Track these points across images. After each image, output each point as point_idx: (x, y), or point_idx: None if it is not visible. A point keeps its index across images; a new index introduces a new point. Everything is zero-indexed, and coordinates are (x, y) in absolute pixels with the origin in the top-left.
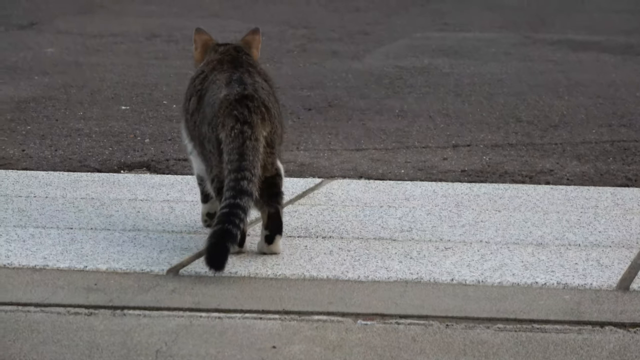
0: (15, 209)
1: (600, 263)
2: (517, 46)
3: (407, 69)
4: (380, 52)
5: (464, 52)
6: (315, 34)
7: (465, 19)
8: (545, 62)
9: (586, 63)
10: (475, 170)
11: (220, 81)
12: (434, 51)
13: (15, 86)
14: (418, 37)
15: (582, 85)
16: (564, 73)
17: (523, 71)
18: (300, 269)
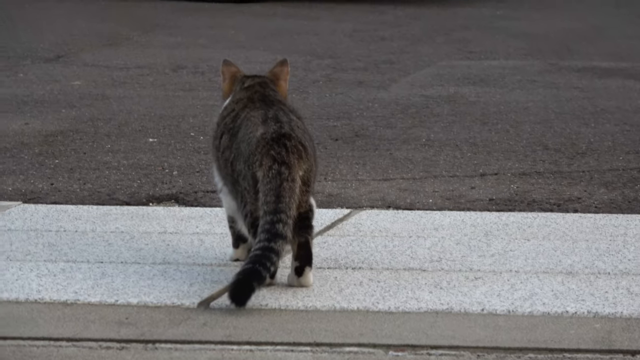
0: (45, 244)
1: (631, 291)
2: (543, 73)
3: (433, 97)
4: (406, 81)
5: (489, 80)
6: (340, 63)
7: (490, 47)
8: (571, 89)
9: (612, 90)
10: (503, 199)
11: (255, 118)
12: (460, 79)
13: (42, 120)
14: (443, 66)
15: (608, 112)
16: (589, 100)
17: (549, 98)
18: (331, 300)
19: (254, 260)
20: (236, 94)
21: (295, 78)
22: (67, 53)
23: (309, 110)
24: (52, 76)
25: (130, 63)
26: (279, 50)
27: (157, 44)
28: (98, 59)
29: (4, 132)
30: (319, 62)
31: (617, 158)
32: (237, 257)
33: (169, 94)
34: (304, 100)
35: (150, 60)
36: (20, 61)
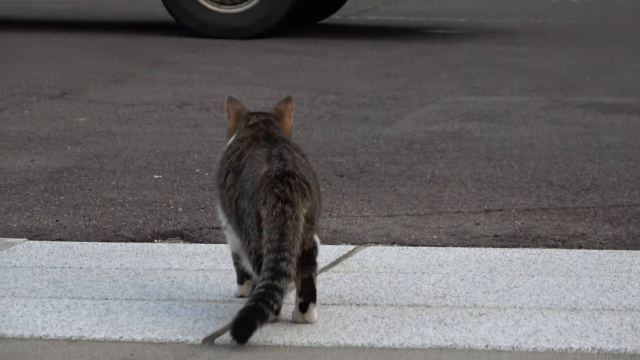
0: (50, 280)
1: (635, 327)
2: (547, 109)
3: (438, 133)
4: (411, 118)
5: (494, 116)
6: (345, 99)
7: (495, 83)
8: (576, 125)
9: (617, 126)
10: (507, 235)
11: (259, 156)
12: (465, 115)
13: (48, 156)
14: (448, 102)
15: (613, 148)
16: (594, 136)
17: (553, 134)
18: (335, 337)
19: (258, 298)
20: (240, 132)
21: (300, 114)
22: (73, 90)
23: (314, 147)
24: (57, 113)
25: (136, 100)
26: (284, 86)
27: (162, 80)
28: (103, 96)
29: (10, 169)
30: (324, 98)
31: (621, 194)
32: (242, 293)
33: (174, 131)
34: (309, 136)
35: (156, 97)
36: (26, 98)
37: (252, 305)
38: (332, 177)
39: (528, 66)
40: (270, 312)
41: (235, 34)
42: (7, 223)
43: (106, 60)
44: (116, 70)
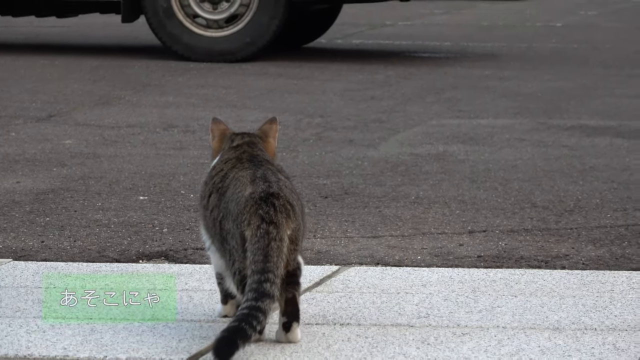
0: (35, 300)
1: (617, 347)
2: (531, 132)
3: (423, 156)
4: (396, 140)
5: (478, 139)
6: (330, 122)
7: (479, 106)
8: (559, 147)
9: (600, 148)
10: (491, 256)
11: (244, 178)
12: (449, 138)
13: (34, 178)
14: (433, 125)
15: (596, 170)
16: (578, 158)
17: (537, 157)
18: (319, 356)
19: (241, 318)
20: (225, 153)
21: (285, 137)
22: (59, 112)
23: (299, 169)
24: (43, 135)
25: (122, 122)
26: (270, 109)
27: (148, 103)
28: (89, 118)
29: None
30: (309, 121)
31: (604, 215)
32: (226, 313)
33: (159, 153)
34: (294, 158)
35: (142, 119)
36: (12, 120)
37: (235, 325)
38: (317, 198)
39: (512, 89)
40: (253, 332)
41: (221, 58)
42: None
43: (93, 83)
44: (103, 93)
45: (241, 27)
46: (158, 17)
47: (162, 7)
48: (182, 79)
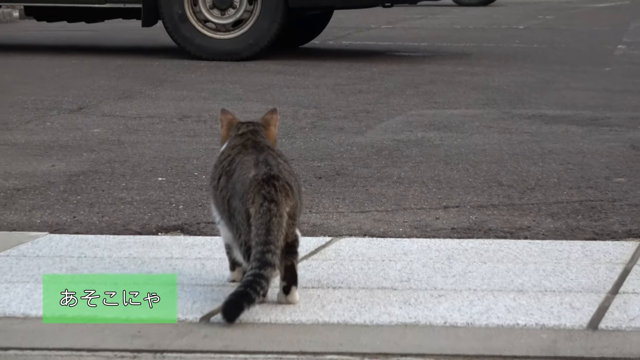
0: (68, 268)
1: (573, 306)
2: (498, 120)
3: (403, 142)
4: (380, 128)
5: (451, 127)
6: (324, 113)
7: (452, 98)
8: (522, 133)
9: (557, 134)
10: (463, 228)
11: (248, 162)
12: (426, 126)
13: (67, 162)
14: (412, 114)
15: (554, 154)
16: (538, 143)
17: (503, 142)
18: (314, 315)
19: (246, 284)
20: (232, 140)
21: (284, 125)
22: (88, 105)
23: (297, 153)
24: (75, 125)
25: (142, 113)
26: (271, 101)
27: (166, 96)
28: (115, 110)
29: (34, 173)
30: (305, 112)
31: (561, 192)
32: (234, 278)
33: (175, 140)
34: (292, 144)
35: (160, 111)
36: (48, 112)
37: (241, 290)
38: (312, 178)
39: (481, 83)
40: (257, 296)
41: (228, 57)
42: (31, 219)
43: (117, 80)
44: (126, 88)
45: (245, 31)
46: (174, 22)
47: (177, 13)
48: (195, 76)
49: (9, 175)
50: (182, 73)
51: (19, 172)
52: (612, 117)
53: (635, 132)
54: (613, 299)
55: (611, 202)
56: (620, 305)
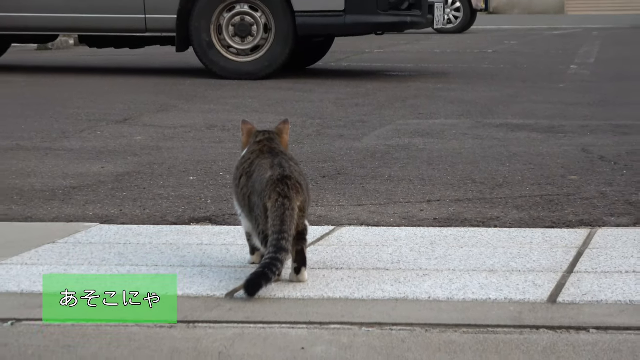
0: (116, 253)
1: (535, 283)
2: (471, 129)
3: (393, 146)
4: (374, 135)
5: (433, 134)
6: (327, 122)
7: (434, 110)
8: (492, 139)
9: (521, 140)
10: (443, 218)
11: (265, 165)
12: (412, 133)
13: (114, 164)
14: (400, 124)
15: (518, 156)
16: (505, 147)
17: (476, 146)
18: (320, 291)
19: (264, 266)
20: (251, 146)
21: (294, 133)
22: (132, 117)
23: (305, 156)
24: (121, 133)
25: (177, 124)
26: (283, 113)
27: (196, 110)
28: (154, 121)
29: (87, 174)
30: (312, 122)
31: (525, 188)
32: (253, 261)
33: (204, 145)
34: (301, 148)
35: (191, 122)
36: (99, 123)
37: (260, 271)
38: (318, 177)
39: (457, 98)
40: (273, 276)
41: (247, 76)
42: (85, 212)
43: (156, 96)
44: (163, 103)
45: (262, 55)
46: (202, 48)
47: (205, 41)
48: (220, 92)
49: (66, 176)
50: (209, 90)
51: (75, 172)
52: (566, 125)
53: (585, 137)
54: (569, 277)
55: (566, 196)
56: (575, 283)
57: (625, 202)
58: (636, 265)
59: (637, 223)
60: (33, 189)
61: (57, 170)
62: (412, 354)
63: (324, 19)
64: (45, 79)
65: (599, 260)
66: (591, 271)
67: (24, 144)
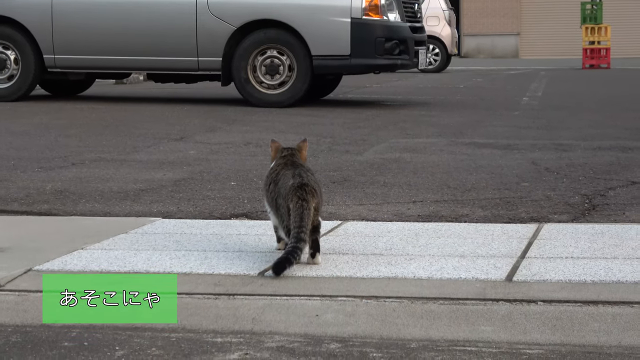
0: (174, 241)
1: (496, 266)
2: (447, 146)
3: (387, 159)
4: (372, 150)
5: (417, 150)
6: (336, 141)
7: (418, 132)
8: (462, 154)
9: (485, 155)
10: (425, 215)
11: (288, 174)
12: (401, 149)
13: (173, 172)
14: (393, 142)
15: (482, 167)
16: (472, 160)
17: (450, 160)
18: (330, 271)
19: (288, 252)
20: (277, 160)
21: (311, 149)
22: (186, 136)
23: (319, 166)
24: (178, 149)
25: (221, 141)
26: (302, 133)
27: (236, 130)
28: (203, 139)
29: (152, 179)
30: (324, 140)
31: (488, 192)
32: (279, 248)
33: (242, 158)
34: (316, 160)
35: (232, 139)
36: (161, 140)
37: (284, 256)
38: (329, 183)
39: (437, 122)
40: (295, 260)
41: (275, 105)
42: (151, 209)
43: (205, 119)
44: (210, 125)
45: (286, 88)
46: (241, 83)
47: (243, 77)
48: (254, 117)
49: (136, 181)
50: (246, 115)
51: (143, 178)
52: (519, 144)
53: (534, 153)
54: (522, 261)
55: (520, 198)
56: (526, 266)
57: (565, 204)
58: (573, 252)
59: (574, 220)
60: (111, 191)
61: (129, 177)
62: (401, 320)
63: (334, 61)
64: (120, 106)
65: (545, 249)
66: (539, 257)
67: (104, 156)
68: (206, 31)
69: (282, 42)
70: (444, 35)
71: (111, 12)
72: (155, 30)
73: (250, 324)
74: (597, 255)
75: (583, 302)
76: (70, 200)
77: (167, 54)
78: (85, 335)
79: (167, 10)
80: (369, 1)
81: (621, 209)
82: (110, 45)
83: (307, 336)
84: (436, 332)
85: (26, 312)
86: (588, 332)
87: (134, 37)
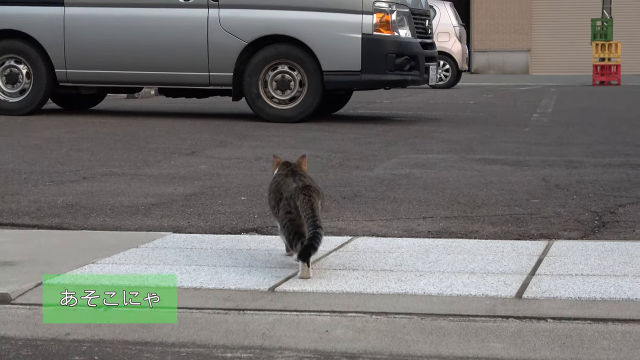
0: (184, 255)
1: (506, 283)
2: (457, 162)
3: (398, 175)
4: (383, 166)
5: (428, 165)
6: (347, 156)
7: (428, 147)
8: (473, 170)
9: (495, 171)
10: (435, 231)
11: (290, 181)
12: (412, 165)
13: (184, 187)
14: (403, 157)
15: (493, 183)
16: (483, 176)
17: (460, 175)
18: (340, 287)
19: (310, 239)
20: (278, 171)
21: (320, 164)
22: (197, 150)
23: (329, 182)
24: (189, 163)
25: (232, 156)
26: (313, 149)
27: (247, 145)
28: (214, 154)
29: (163, 194)
30: (335, 155)
31: (498, 209)
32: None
33: (253, 173)
34: (326, 176)
35: (243, 154)
36: (172, 155)
37: (308, 243)
38: (339, 198)
39: (446, 138)
40: (318, 245)
41: (286, 120)
42: (161, 223)
43: (216, 134)
44: (221, 140)
45: (297, 104)
46: (252, 98)
47: (254, 93)
48: (265, 132)
49: (147, 195)
50: (257, 130)
51: (154, 193)
52: (529, 160)
53: (544, 170)
54: (531, 278)
55: (530, 215)
56: (536, 283)
57: (575, 221)
58: (583, 269)
59: (584, 237)
60: (122, 205)
61: (140, 191)
62: (411, 336)
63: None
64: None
65: (555, 266)
66: (549, 274)
67: (115, 170)
68: (217, 46)
69: (293, 58)
70: (455, 51)
71: (123, 26)
72: (167, 45)
73: (260, 339)
74: (607, 272)
75: (593, 320)
76: (81, 214)
77: (179, 68)
78: (95, 349)
79: (178, 25)
80: (380, 17)
81: (631, 226)
82: (121, 59)
83: (317, 352)
84: (446, 349)
85: (37, 325)
86: (597, 349)
87: (145, 52)
